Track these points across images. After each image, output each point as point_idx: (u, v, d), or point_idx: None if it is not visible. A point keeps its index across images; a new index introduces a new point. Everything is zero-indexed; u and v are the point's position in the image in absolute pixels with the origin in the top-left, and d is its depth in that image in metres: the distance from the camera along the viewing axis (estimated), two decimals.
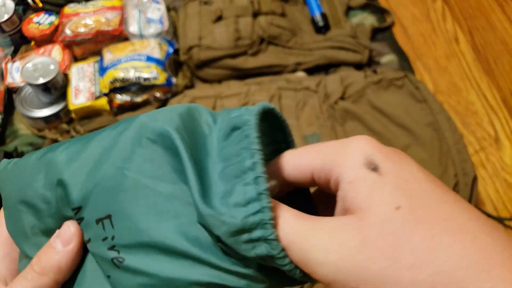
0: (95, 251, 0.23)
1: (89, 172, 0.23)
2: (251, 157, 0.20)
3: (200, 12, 0.78)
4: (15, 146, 0.70)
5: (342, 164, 0.20)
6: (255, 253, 0.19)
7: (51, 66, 0.69)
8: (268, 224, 0.19)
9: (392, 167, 0.19)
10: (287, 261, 0.19)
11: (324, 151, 0.22)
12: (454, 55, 0.81)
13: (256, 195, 0.19)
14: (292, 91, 0.68)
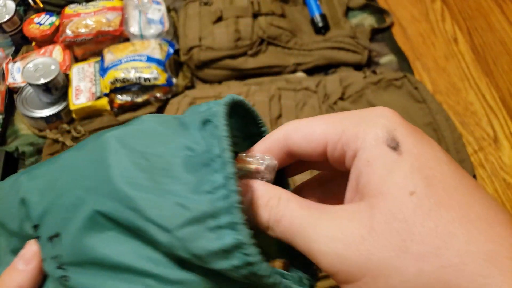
0: (48, 270, 0.23)
1: (47, 190, 0.23)
2: (219, 144, 0.19)
3: (200, 12, 0.78)
4: (16, 146, 0.71)
5: (362, 138, 0.19)
6: (219, 245, 0.18)
7: (52, 67, 0.69)
8: (236, 208, 0.18)
9: (413, 146, 0.18)
10: (254, 251, 0.18)
11: (343, 121, 0.20)
12: (453, 55, 0.82)
13: (224, 180, 0.19)
14: (291, 91, 0.68)
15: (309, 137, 0.21)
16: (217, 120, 0.20)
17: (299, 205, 0.20)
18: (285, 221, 0.19)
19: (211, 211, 0.18)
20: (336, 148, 0.20)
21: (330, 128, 0.20)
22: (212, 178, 0.19)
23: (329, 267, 0.18)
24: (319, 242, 0.18)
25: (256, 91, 0.67)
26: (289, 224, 0.19)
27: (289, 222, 0.19)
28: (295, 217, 0.19)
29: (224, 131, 0.20)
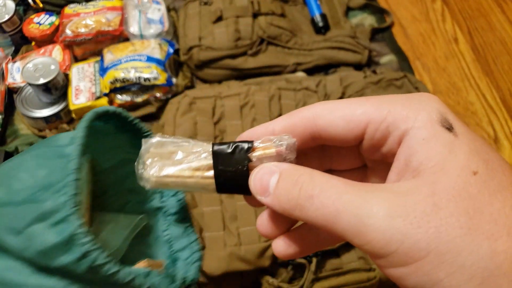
0: None
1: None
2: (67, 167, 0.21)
3: (200, 12, 0.78)
4: (15, 146, 0.70)
5: (413, 118, 0.18)
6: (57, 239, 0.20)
7: (51, 66, 0.69)
8: (68, 202, 0.20)
9: (466, 130, 0.18)
10: (87, 240, 0.19)
11: (387, 103, 0.20)
12: (454, 55, 0.82)
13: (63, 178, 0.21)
14: (292, 91, 0.68)
15: (348, 117, 0.20)
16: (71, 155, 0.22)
17: (341, 181, 0.18)
18: (324, 197, 0.18)
19: (54, 207, 0.20)
20: (379, 128, 0.20)
21: (373, 109, 0.20)
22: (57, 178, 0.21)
23: (385, 246, 0.17)
24: (374, 218, 0.17)
25: (256, 91, 0.67)
26: (330, 201, 0.18)
27: (330, 198, 0.18)
28: (340, 193, 0.18)
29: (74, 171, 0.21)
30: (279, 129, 0.22)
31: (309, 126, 0.21)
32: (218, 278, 0.55)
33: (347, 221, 0.17)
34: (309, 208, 0.19)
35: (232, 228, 0.56)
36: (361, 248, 0.18)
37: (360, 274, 0.56)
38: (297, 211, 0.19)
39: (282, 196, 0.20)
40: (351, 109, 0.20)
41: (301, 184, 0.19)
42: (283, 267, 0.56)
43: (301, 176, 0.19)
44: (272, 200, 0.20)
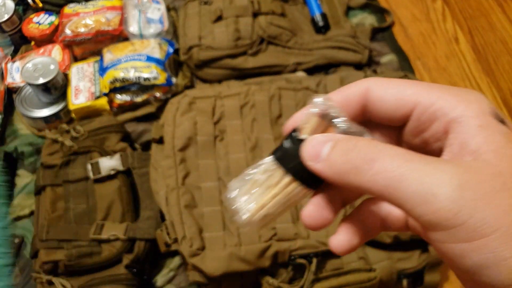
0: None
1: None
2: None
3: (200, 12, 0.78)
4: (15, 146, 0.70)
5: (463, 107, 0.19)
6: None
7: (51, 66, 0.69)
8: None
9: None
10: None
11: (437, 89, 0.20)
12: (454, 55, 0.81)
13: None
14: (292, 91, 0.68)
15: (399, 95, 0.20)
16: None
17: (404, 150, 0.18)
18: (387, 161, 0.17)
19: None
20: (426, 112, 0.20)
21: (423, 92, 0.20)
22: None
23: (452, 218, 0.16)
24: (445, 188, 0.16)
25: (256, 91, 0.67)
26: (394, 165, 0.17)
27: (394, 162, 0.17)
28: (406, 159, 0.17)
29: None
30: None
31: (362, 99, 0.21)
32: (218, 278, 0.55)
33: (413, 188, 0.17)
34: (367, 171, 0.18)
35: (232, 228, 0.56)
36: (421, 219, 0.17)
37: (360, 275, 0.55)
38: (351, 175, 0.18)
39: (336, 159, 0.19)
40: (402, 88, 0.21)
41: (359, 147, 0.19)
42: (283, 268, 0.56)
43: (359, 141, 0.19)
44: (324, 165, 0.20)
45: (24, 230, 0.64)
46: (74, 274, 0.56)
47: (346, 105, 0.22)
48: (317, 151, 0.20)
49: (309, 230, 0.23)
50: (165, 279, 0.61)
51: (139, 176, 0.64)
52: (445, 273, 0.63)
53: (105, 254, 0.57)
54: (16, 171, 0.69)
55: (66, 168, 0.63)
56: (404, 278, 0.58)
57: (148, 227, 0.59)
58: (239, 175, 0.23)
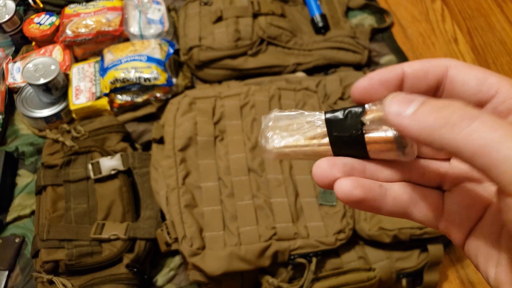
0: None
1: None
2: None
3: (200, 12, 0.78)
4: (16, 146, 0.71)
5: None
6: None
7: (52, 66, 0.69)
8: None
9: None
10: None
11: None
12: (453, 55, 0.82)
13: None
14: (291, 91, 0.68)
15: (482, 80, 0.20)
16: None
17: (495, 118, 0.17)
18: (489, 119, 0.17)
19: None
20: (506, 102, 0.20)
21: (506, 83, 0.20)
22: None
23: None
24: None
25: (256, 91, 0.67)
26: (497, 124, 0.16)
27: (496, 122, 0.17)
28: (504, 123, 0.17)
29: None
30: (411, 71, 0.21)
31: (441, 75, 0.21)
32: (218, 278, 0.55)
33: (505, 150, 0.16)
34: (464, 127, 0.17)
35: (232, 228, 0.56)
36: (509, 187, 0.16)
37: (360, 274, 0.56)
38: (443, 130, 0.17)
39: (426, 114, 0.18)
40: (486, 74, 0.20)
41: (455, 107, 0.18)
42: (283, 267, 0.56)
43: (453, 102, 0.18)
44: (411, 120, 0.18)
45: (25, 230, 0.64)
46: (75, 274, 0.57)
47: (423, 77, 0.21)
48: (402, 109, 0.19)
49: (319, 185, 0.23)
50: (165, 278, 0.61)
51: (140, 176, 0.64)
52: (444, 272, 0.63)
53: (105, 253, 0.57)
54: (17, 171, 0.69)
55: (67, 168, 0.63)
56: (404, 277, 0.58)
57: (148, 226, 0.59)
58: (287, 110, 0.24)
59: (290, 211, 0.57)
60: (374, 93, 0.22)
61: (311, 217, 0.57)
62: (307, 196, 0.59)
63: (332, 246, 0.55)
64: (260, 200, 0.58)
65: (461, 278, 0.63)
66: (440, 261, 0.58)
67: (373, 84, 0.22)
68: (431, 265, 0.58)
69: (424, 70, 0.21)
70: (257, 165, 0.60)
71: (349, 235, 0.56)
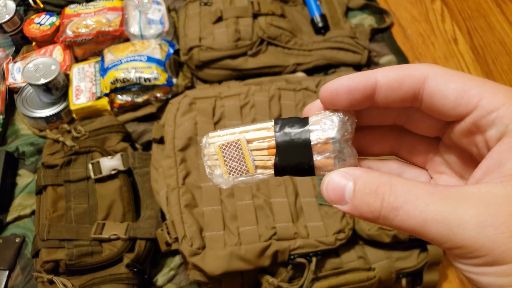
0: None
1: None
2: None
3: (200, 13, 0.78)
4: (16, 146, 0.71)
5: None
6: None
7: (52, 67, 0.69)
8: None
9: None
10: None
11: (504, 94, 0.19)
12: (453, 55, 0.82)
13: None
14: (291, 91, 0.68)
15: (461, 93, 0.19)
16: None
17: (424, 188, 0.19)
18: (409, 208, 0.18)
19: None
20: (486, 117, 0.19)
21: (488, 94, 0.19)
22: None
23: (475, 251, 0.17)
24: (465, 228, 0.17)
25: (256, 91, 0.67)
26: (416, 211, 0.18)
27: (416, 209, 0.18)
28: (426, 203, 0.18)
29: None
30: (384, 82, 0.21)
31: (417, 86, 0.20)
32: (218, 277, 0.55)
33: (436, 230, 0.18)
34: (393, 219, 0.19)
35: (232, 227, 0.56)
36: (448, 252, 0.18)
37: (359, 274, 0.56)
38: (380, 221, 0.19)
39: (362, 207, 0.20)
40: (467, 85, 0.19)
41: (382, 195, 0.19)
42: (283, 267, 0.56)
43: (379, 186, 0.19)
44: (352, 210, 0.20)
45: (25, 230, 0.64)
46: (75, 274, 0.57)
47: (398, 88, 0.20)
48: (341, 194, 0.20)
49: None
50: (165, 278, 0.61)
51: (140, 176, 0.64)
52: (444, 272, 0.63)
53: (106, 253, 0.57)
54: (17, 171, 0.69)
55: (67, 168, 0.63)
56: (403, 277, 0.58)
57: (148, 226, 0.59)
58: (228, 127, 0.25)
59: (290, 211, 0.57)
60: (339, 100, 0.22)
61: (311, 217, 0.57)
62: (307, 196, 0.59)
63: (332, 246, 0.55)
64: (260, 200, 0.58)
65: (460, 278, 0.63)
66: (440, 261, 0.58)
67: (340, 91, 0.21)
68: (431, 265, 0.58)
69: (399, 81, 0.20)
70: None
71: (349, 235, 0.57)
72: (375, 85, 0.21)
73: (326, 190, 0.21)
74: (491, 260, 0.17)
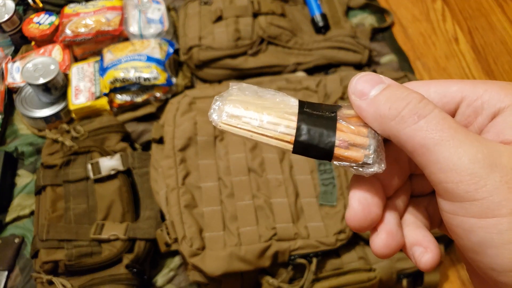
0: None
1: None
2: None
3: (200, 12, 0.78)
4: (15, 146, 0.70)
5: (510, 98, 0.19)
6: None
7: (51, 66, 0.69)
8: None
9: None
10: None
11: (484, 83, 0.20)
12: (454, 55, 0.82)
13: None
14: (292, 91, 0.68)
15: (443, 93, 0.20)
16: None
17: (447, 115, 0.18)
18: (433, 121, 0.18)
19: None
20: (473, 105, 0.20)
21: (468, 87, 0.20)
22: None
23: (473, 191, 0.17)
24: (477, 163, 0.17)
25: None
26: (439, 126, 0.17)
27: (439, 124, 0.18)
28: (451, 126, 0.18)
29: None
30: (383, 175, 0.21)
31: None
32: (218, 278, 0.55)
33: (446, 153, 0.17)
34: (410, 124, 0.18)
35: (232, 228, 0.56)
36: (440, 185, 0.18)
37: (360, 274, 0.56)
38: (393, 123, 0.19)
39: (383, 103, 0.19)
40: (446, 86, 0.20)
41: (410, 99, 0.19)
42: (283, 267, 0.56)
43: (411, 93, 0.19)
44: (369, 104, 0.19)
45: (24, 230, 0.64)
46: (75, 274, 0.56)
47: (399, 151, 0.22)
48: (366, 90, 0.20)
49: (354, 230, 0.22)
50: (165, 279, 0.61)
51: (139, 176, 0.64)
52: (444, 272, 0.63)
53: (105, 254, 0.57)
54: (16, 171, 0.69)
55: (66, 168, 0.63)
56: (404, 278, 0.58)
57: (148, 227, 0.59)
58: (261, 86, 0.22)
59: (290, 211, 0.57)
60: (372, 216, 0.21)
61: (311, 217, 0.57)
62: (307, 196, 0.59)
63: (332, 247, 0.55)
64: (260, 200, 0.57)
65: (461, 278, 0.62)
66: (441, 261, 0.58)
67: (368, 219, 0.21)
68: None
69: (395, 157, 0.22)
70: (257, 165, 0.60)
71: (350, 236, 0.56)
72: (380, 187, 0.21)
73: (359, 79, 0.20)
74: (484, 208, 0.16)
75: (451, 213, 0.18)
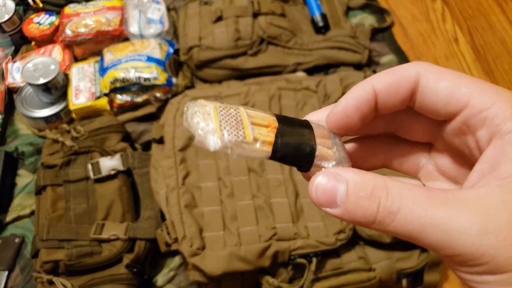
0: None
1: None
2: None
3: (200, 12, 0.78)
4: (15, 146, 0.70)
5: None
6: None
7: (51, 66, 0.69)
8: None
9: None
10: None
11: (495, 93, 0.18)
12: (454, 55, 0.82)
13: None
14: (292, 91, 0.68)
15: (451, 91, 0.19)
16: None
17: (421, 192, 0.18)
18: (406, 214, 0.17)
19: None
20: (476, 116, 0.18)
21: (477, 93, 0.18)
22: None
23: (476, 259, 0.17)
24: (466, 235, 0.16)
25: (256, 91, 0.67)
26: (414, 217, 0.17)
27: (413, 214, 0.17)
28: (424, 208, 0.17)
29: None
30: (381, 89, 0.20)
31: (412, 86, 0.20)
32: (218, 278, 0.55)
33: (435, 236, 0.17)
34: (389, 224, 0.18)
35: (232, 228, 0.56)
36: (447, 260, 0.18)
37: (360, 274, 0.56)
38: (375, 225, 0.19)
39: (356, 211, 0.19)
40: (457, 83, 0.19)
41: (378, 198, 0.18)
42: (283, 267, 0.56)
43: (375, 189, 0.18)
44: (343, 214, 0.19)
45: (24, 230, 0.64)
46: (75, 274, 0.57)
47: (395, 93, 0.20)
48: (332, 197, 0.19)
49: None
50: (165, 278, 0.61)
51: (140, 176, 0.64)
52: (444, 272, 0.63)
53: (105, 253, 0.57)
54: (16, 171, 0.69)
55: (66, 168, 0.63)
56: (404, 277, 0.58)
57: (148, 227, 0.59)
58: None
59: (290, 211, 0.57)
60: (351, 122, 0.21)
61: (311, 217, 0.57)
62: (307, 196, 0.59)
63: (332, 246, 0.55)
64: (260, 200, 0.57)
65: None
66: (441, 261, 0.58)
67: (350, 112, 0.21)
68: (432, 265, 0.58)
69: (395, 85, 0.20)
70: (257, 165, 0.60)
71: (349, 235, 0.56)
72: (374, 92, 0.20)
73: (316, 191, 0.20)
74: (493, 268, 0.17)
75: (464, 272, 0.18)
